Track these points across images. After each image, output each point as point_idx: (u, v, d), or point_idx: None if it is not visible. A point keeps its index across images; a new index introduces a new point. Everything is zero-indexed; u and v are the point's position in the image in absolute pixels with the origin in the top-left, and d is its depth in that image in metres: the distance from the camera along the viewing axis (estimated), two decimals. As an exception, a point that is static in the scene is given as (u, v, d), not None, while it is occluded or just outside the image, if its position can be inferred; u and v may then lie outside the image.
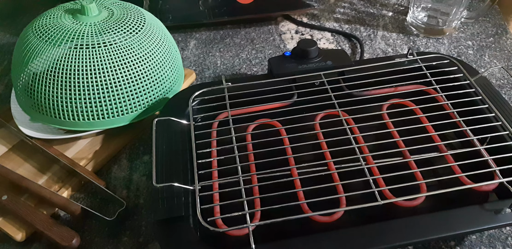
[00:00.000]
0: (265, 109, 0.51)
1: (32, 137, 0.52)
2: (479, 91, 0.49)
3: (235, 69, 0.66)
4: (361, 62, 0.54)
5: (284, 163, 0.45)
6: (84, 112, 0.50)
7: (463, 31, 0.71)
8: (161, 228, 0.40)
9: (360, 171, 0.42)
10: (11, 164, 0.51)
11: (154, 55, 0.52)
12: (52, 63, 0.49)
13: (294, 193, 0.43)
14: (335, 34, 0.71)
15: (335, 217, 0.41)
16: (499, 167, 0.42)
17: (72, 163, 0.50)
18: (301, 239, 0.39)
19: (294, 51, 0.55)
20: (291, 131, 0.48)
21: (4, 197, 0.46)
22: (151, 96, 0.52)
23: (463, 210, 0.40)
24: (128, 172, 0.52)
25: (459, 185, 0.41)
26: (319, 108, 0.49)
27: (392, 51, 0.67)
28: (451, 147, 0.49)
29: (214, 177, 0.45)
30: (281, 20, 0.74)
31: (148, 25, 0.53)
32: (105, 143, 0.54)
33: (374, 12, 0.75)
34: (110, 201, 0.49)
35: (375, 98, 0.50)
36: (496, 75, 0.63)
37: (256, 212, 0.42)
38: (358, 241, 0.39)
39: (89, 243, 0.46)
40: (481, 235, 0.45)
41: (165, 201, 0.41)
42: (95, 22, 0.51)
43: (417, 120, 0.49)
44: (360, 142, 0.47)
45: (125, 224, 0.47)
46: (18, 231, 0.45)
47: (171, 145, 0.47)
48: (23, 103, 0.53)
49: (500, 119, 0.46)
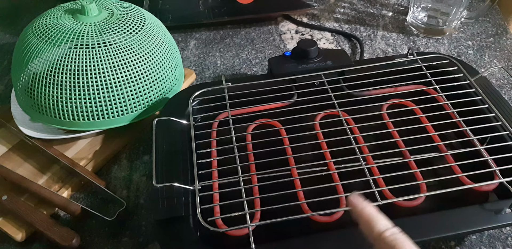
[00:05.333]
0: (265, 109, 0.51)
1: (32, 137, 0.52)
2: (479, 91, 0.49)
3: (235, 69, 0.66)
4: (361, 62, 0.54)
5: (284, 163, 0.45)
6: (84, 112, 0.50)
7: (463, 31, 0.71)
8: (161, 228, 0.40)
9: (360, 171, 0.42)
10: (11, 164, 0.51)
11: (154, 55, 0.52)
12: (52, 63, 0.49)
13: (294, 193, 0.43)
14: (335, 34, 0.71)
15: (335, 217, 0.42)
16: (499, 167, 0.42)
17: (72, 163, 0.50)
18: (301, 239, 0.39)
19: (294, 51, 0.55)
20: (291, 131, 0.48)
21: (4, 197, 0.46)
22: (151, 96, 0.52)
23: (463, 210, 0.40)
24: (128, 172, 0.52)
25: (459, 185, 0.41)
26: (319, 108, 0.49)
27: (392, 51, 0.67)
28: (451, 147, 0.49)
29: (214, 177, 0.45)
30: (281, 20, 0.74)
31: (148, 25, 0.53)
32: (105, 143, 0.54)
33: (374, 12, 0.75)
34: (110, 201, 0.49)
35: (375, 98, 0.50)
36: (496, 75, 0.63)
37: (256, 212, 0.42)
38: (358, 241, 0.38)
39: (89, 243, 0.46)
40: (481, 235, 0.45)
41: (165, 201, 0.41)
42: (95, 22, 0.51)
43: (417, 120, 0.49)
44: (360, 142, 0.47)
45: (125, 224, 0.47)
46: (18, 231, 0.45)
47: (171, 145, 0.47)
48: (23, 103, 0.53)
49: (500, 119, 0.46)
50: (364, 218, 0.32)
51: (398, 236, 0.30)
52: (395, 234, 0.30)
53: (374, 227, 0.31)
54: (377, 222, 0.31)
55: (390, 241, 0.30)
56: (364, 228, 0.32)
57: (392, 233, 0.30)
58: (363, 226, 0.32)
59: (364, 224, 0.32)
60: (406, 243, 0.30)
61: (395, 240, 0.30)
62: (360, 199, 0.33)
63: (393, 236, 0.30)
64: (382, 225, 0.31)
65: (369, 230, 0.31)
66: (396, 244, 0.29)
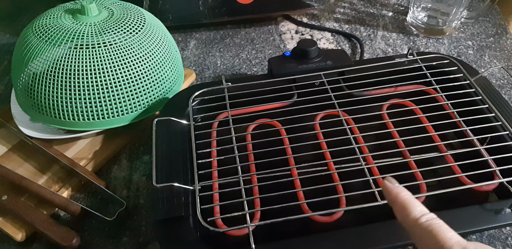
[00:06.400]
0: (265, 109, 0.51)
1: (32, 137, 0.52)
2: (479, 91, 0.49)
3: (235, 69, 0.66)
4: (361, 62, 0.54)
5: (284, 163, 0.45)
6: (84, 112, 0.50)
7: (463, 31, 0.71)
8: (161, 228, 0.40)
9: (360, 171, 0.42)
10: (11, 164, 0.51)
11: (154, 55, 0.52)
12: (52, 63, 0.49)
13: (294, 193, 0.43)
14: (335, 34, 0.71)
15: (335, 217, 0.42)
16: (499, 167, 0.42)
17: (72, 163, 0.50)
18: (301, 239, 0.39)
19: (294, 51, 0.55)
20: (291, 131, 0.48)
21: (4, 197, 0.46)
22: (151, 96, 0.52)
23: (463, 210, 0.40)
24: (128, 172, 0.52)
25: (459, 185, 0.41)
26: (319, 108, 0.49)
27: (392, 51, 0.67)
28: (451, 147, 0.49)
29: (214, 177, 0.45)
30: (281, 20, 0.74)
31: (148, 25, 0.53)
32: (105, 143, 0.54)
33: (374, 12, 0.75)
34: (110, 201, 0.49)
35: (375, 98, 0.50)
36: (496, 75, 0.63)
37: (256, 212, 0.42)
38: (358, 241, 0.39)
39: (89, 243, 0.46)
40: (481, 235, 0.45)
41: (165, 201, 0.41)
42: (95, 22, 0.51)
43: (417, 120, 0.49)
44: (360, 142, 0.47)
45: (125, 224, 0.47)
46: (18, 231, 0.45)
47: (171, 145, 0.47)
48: (23, 103, 0.53)
49: (500, 119, 0.46)
50: (399, 203, 0.31)
51: (434, 221, 0.29)
52: (431, 219, 0.29)
53: (410, 213, 0.30)
54: (412, 208, 0.30)
55: (426, 226, 0.29)
56: (398, 214, 0.31)
57: (428, 218, 0.30)
58: (397, 211, 0.31)
59: (399, 210, 0.31)
60: (443, 227, 0.29)
61: (432, 226, 0.29)
62: (395, 183, 0.33)
63: (429, 221, 0.29)
64: (417, 211, 0.30)
65: (404, 215, 0.31)
66: (432, 229, 0.29)
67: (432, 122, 0.48)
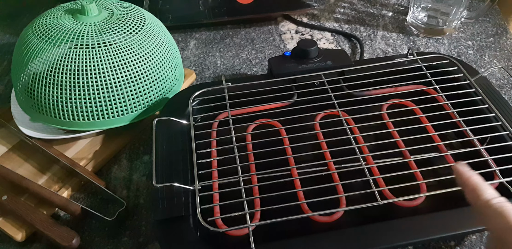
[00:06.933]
0: (265, 109, 0.51)
1: (32, 137, 0.52)
2: (479, 91, 0.49)
3: (235, 69, 0.66)
4: (361, 62, 0.54)
5: (284, 163, 0.45)
6: (84, 112, 0.50)
7: (463, 31, 0.71)
8: (161, 228, 0.40)
9: (360, 171, 0.42)
10: (11, 164, 0.51)
11: (154, 55, 0.52)
12: (52, 63, 0.49)
13: (294, 193, 0.43)
14: (335, 34, 0.71)
15: (335, 217, 0.42)
16: (499, 167, 0.42)
17: (72, 163, 0.50)
18: (301, 239, 0.39)
19: (294, 51, 0.55)
20: (291, 131, 0.48)
21: (4, 197, 0.46)
22: (151, 96, 0.52)
23: (463, 210, 0.40)
24: (128, 172, 0.52)
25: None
26: (319, 108, 0.49)
27: (392, 51, 0.67)
28: (451, 147, 0.49)
29: (214, 177, 0.45)
30: (281, 20, 0.74)
31: (148, 25, 0.53)
32: (105, 143, 0.54)
33: (374, 12, 0.75)
34: (110, 201, 0.49)
35: (375, 98, 0.50)
36: (496, 75, 0.63)
37: (256, 212, 0.42)
38: (358, 241, 0.39)
39: (89, 243, 0.46)
40: (481, 235, 0.45)
41: (165, 201, 0.41)
42: (95, 22, 0.51)
43: (417, 120, 0.49)
44: (360, 142, 0.47)
45: (125, 224, 0.47)
46: (18, 231, 0.45)
47: (171, 145, 0.47)
48: (23, 103, 0.53)
49: (500, 119, 0.46)
50: (470, 186, 0.33)
51: (505, 204, 0.30)
52: (502, 202, 0.31)
53: (481, 195, 0.32)
54: (484, 190, 0.32)
55: (498, 207, 0.30)
56: (469, 196, 0.33)
57: (500, 200, 0.31)
58: (468, 194, 0.33)
59: (470, 192, 0.33)
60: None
61: (503, 207, 0.30)
62: (466, 167, 0.34)
63: (501, 203, 0.31)
64: (489, 194, 0.32)
65: (476, 197, 0.32)
66: (503, 210, 0.30)
67: (432, 123, 0.48)
